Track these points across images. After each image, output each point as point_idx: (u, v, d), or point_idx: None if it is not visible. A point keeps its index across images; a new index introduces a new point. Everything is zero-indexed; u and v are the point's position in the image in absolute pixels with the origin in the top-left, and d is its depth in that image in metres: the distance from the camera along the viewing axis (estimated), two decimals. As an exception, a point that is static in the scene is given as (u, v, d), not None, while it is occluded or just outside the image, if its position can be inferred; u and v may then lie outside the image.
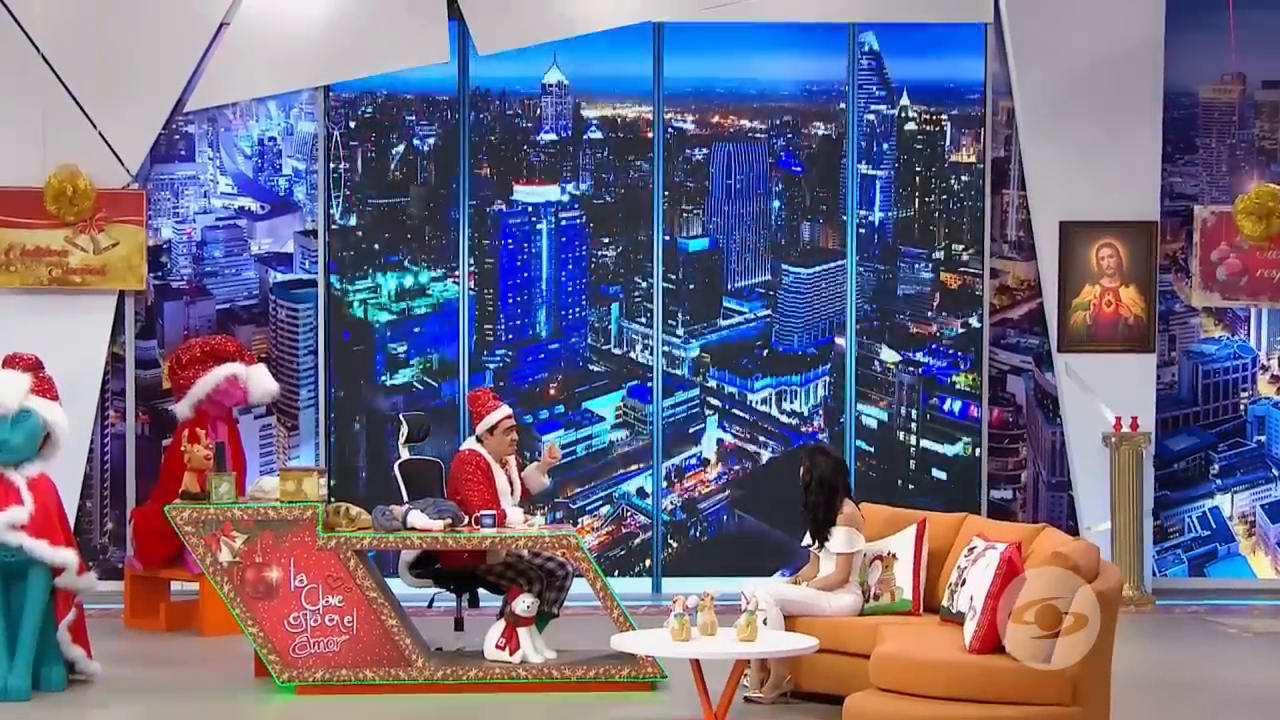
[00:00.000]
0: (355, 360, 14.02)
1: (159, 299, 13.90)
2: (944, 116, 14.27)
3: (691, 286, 14.29)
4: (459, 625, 11.22)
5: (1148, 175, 13.99)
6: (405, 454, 11.44)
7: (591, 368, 14.29)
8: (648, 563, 14.19)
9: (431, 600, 11.41)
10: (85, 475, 13.65)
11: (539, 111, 14.22)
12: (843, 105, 14.23)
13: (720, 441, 14.33)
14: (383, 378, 14.09)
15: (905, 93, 14.26)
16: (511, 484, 11.07)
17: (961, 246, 14.24)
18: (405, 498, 10.98)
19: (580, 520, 14.10)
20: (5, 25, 13.45)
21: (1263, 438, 14.35)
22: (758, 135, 14.33)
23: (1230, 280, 14.14)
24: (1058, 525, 12.28)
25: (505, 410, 11.07)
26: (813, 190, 14.32)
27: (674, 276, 14.27)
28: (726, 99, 14.32)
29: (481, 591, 11.09)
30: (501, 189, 14.23)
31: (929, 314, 14.24)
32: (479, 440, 11.04)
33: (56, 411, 10.55)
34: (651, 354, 14.23)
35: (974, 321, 14.19)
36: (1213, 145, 14.35)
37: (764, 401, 14.31)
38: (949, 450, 14.22)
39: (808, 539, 10.27)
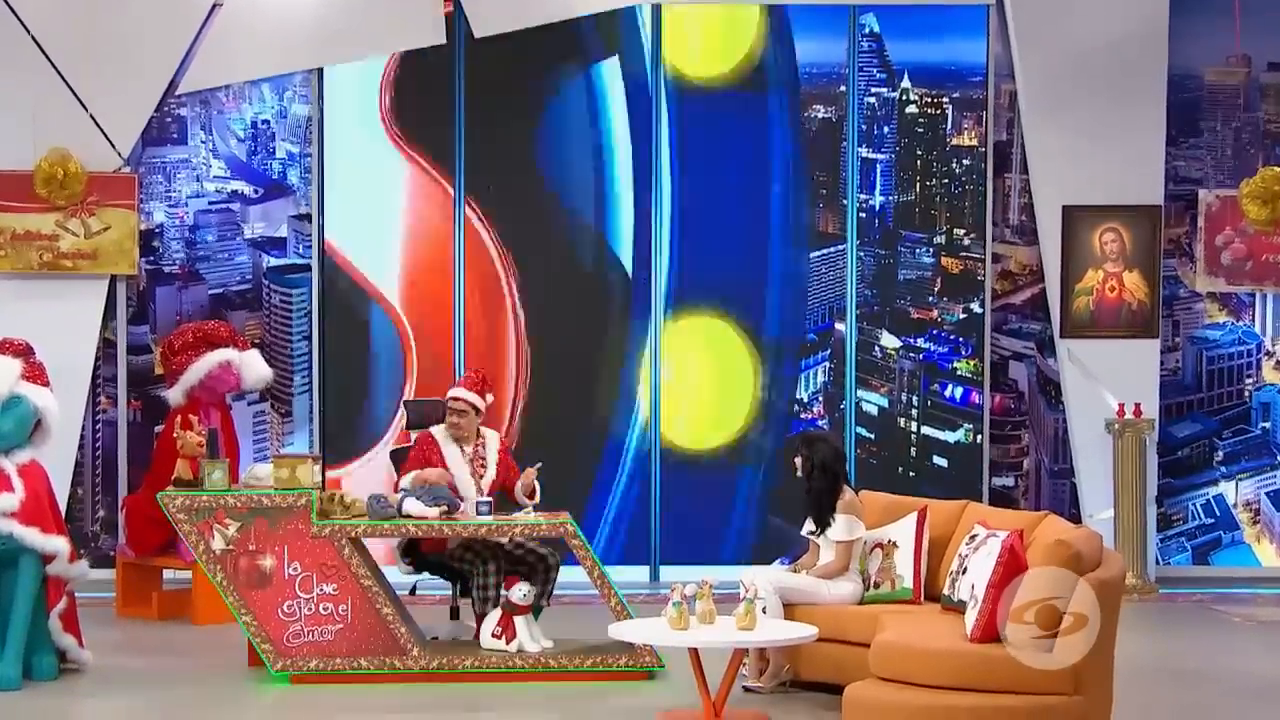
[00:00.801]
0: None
1: (151, 284, 13.89)
2: (946, 99, 14.25)
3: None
4: (454, 614, 11.23)
5: (1152, 159, 13.99)
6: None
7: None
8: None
9: (414, 588, 11.40)
10: (76, 462, 13.64)
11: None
12: (843, 88, 14.22)
13: (719, 428, 14.35)
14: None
15: (906, 75, 14.25)
16: (484, 463, 10.98)
17: (963, 231, 14.23)
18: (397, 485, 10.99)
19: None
20: (-5, 6, 13.46)
21: (1267, 424, 14.36)
22: (757, 118, 14.34)
23: (1235, 265, 14.14)
24: (1060, 513, 12.28)
25: (454, 392, 11.06)
26: (813, 174, 14.31)
27: (672, 261, 14.28)
28: (725, 81, 14.34)
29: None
30: (498, 172, 14.24)
31: (930, 299, 14.24)
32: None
33: (47, 397, 10.55)
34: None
35: (975, 307, 14.19)
36: (1217, 128, 14.33)
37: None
38: (950, 437, 14.22)
39: (810, 526, 10.27)
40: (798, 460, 10.31)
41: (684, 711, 9.48)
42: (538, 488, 10.99)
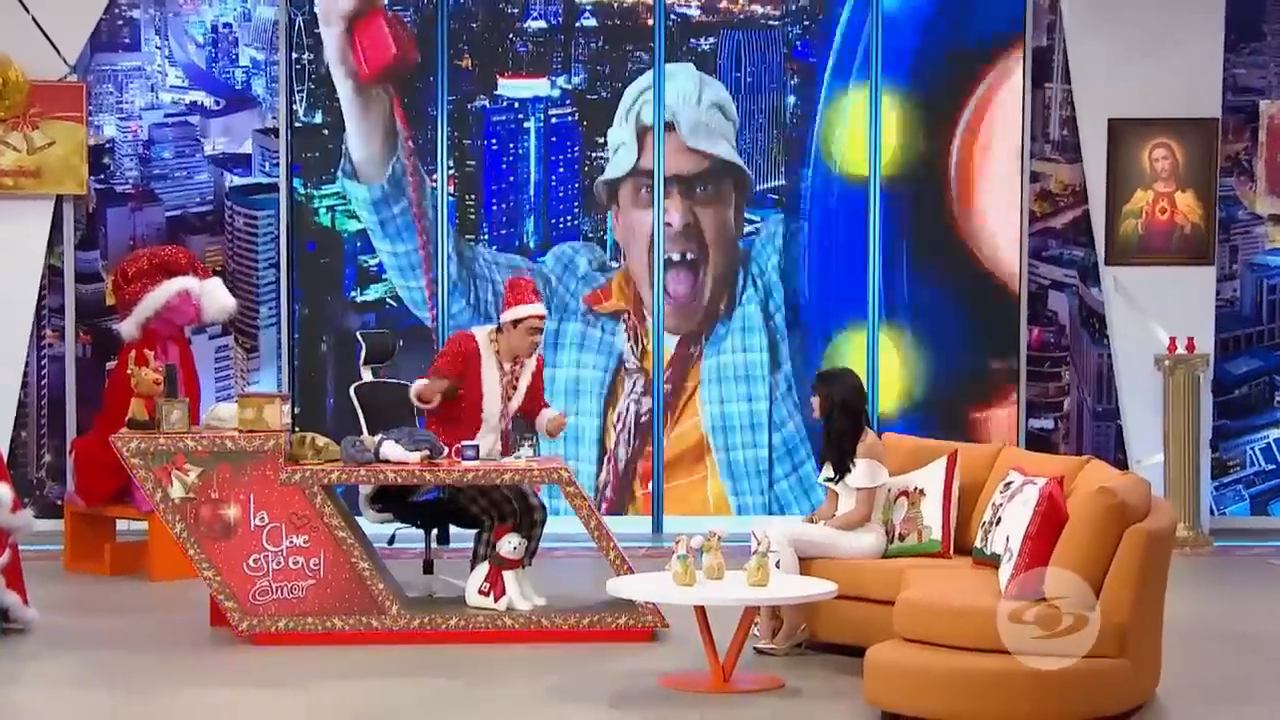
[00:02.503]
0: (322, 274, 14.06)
1: (101, 205, 13.89)
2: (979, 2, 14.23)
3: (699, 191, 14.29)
4: (428, 568, 11.24)
5: (1208, 67, 13.95)
6: (367, 376, 11.44)
7: (585, 282, 14.34)
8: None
9: (392, 538, 11.41)
10: (20, 401, 13.68)
11: (526, -5, 14.23)
12: (867, -11, 14.23)
13: (729, 365, 14.39)
14: (352, 293, 14.09)
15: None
16: (516, 384, 10.94)
17: (999, 147, 14.27)
18: (364, 425, 10.99)
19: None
20: (-73, -103, 13.41)
21: (1334, 360, 14.41)
22: (771, 22, 14.28)
23: (1299, 185, 14.16)
24: (1104, 458, 12.28)
25: (538, 309, 10.99)
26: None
27: (677, 180, 14.30)
28: (736, -19, 14.33)
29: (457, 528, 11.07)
30: (484, 83, 14.20)
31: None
32: (499, 328, 10.96)
33: (-13, 330, 10.57)
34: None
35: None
36: (1281, 33, 14.33)
37: (778, 320, 14.36)
38: (984, 374, 14.29)
39: (828, 472, 10.27)
40: (816, 399, 10.31)
41: (689, 675, 9.50)
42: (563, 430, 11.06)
